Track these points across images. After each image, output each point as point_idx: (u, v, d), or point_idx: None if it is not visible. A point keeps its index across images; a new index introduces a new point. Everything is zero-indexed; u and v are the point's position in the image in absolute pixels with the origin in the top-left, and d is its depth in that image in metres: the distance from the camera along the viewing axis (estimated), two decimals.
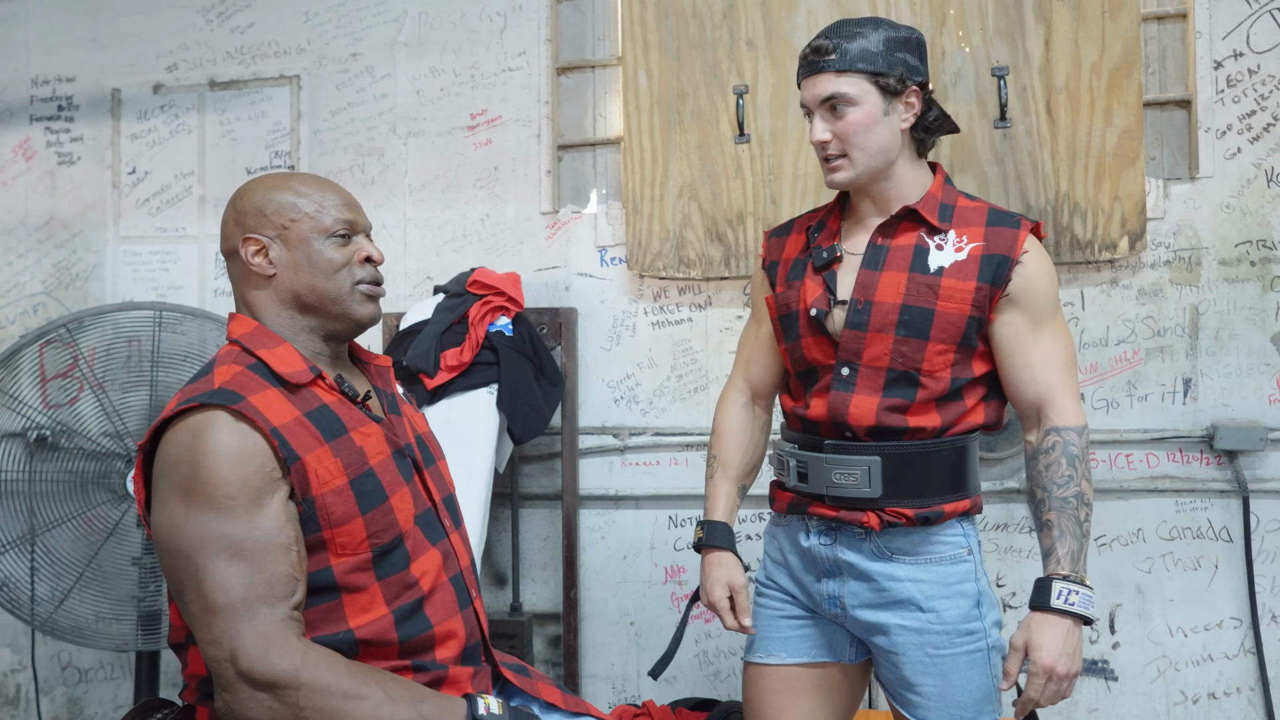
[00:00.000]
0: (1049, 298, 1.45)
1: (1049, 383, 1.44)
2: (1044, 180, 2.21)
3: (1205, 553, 2.19)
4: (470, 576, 1.32)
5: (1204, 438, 2.18)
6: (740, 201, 2.35)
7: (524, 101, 2.53)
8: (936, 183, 1.51)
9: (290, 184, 1.28)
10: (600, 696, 2.47)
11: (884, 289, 1.45)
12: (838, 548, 1.50)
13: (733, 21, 2.35)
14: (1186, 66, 2.21)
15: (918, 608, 1.45)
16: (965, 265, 1.43)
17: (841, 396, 1.47)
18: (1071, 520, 1.38)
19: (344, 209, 1.29)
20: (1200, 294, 2.20)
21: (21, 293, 2.84)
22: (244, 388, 1.16)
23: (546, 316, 2.42)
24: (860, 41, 1.43)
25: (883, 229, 1.50)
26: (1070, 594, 1.35)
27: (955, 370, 1.45)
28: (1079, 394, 1.47)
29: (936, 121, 1.49)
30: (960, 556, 1.47)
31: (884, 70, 1.42)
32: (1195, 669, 2.19)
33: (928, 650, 1.45)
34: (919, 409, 1.45)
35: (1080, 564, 1.37)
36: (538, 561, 2.51)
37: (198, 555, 1.08)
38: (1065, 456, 1.40)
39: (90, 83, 2.81)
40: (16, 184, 2.85)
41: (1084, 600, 1.35)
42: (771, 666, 1.57)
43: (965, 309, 1.42)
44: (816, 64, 1.46)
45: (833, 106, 1.45)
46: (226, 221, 1.29)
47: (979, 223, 1.46)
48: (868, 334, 1.45)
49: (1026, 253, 1.43)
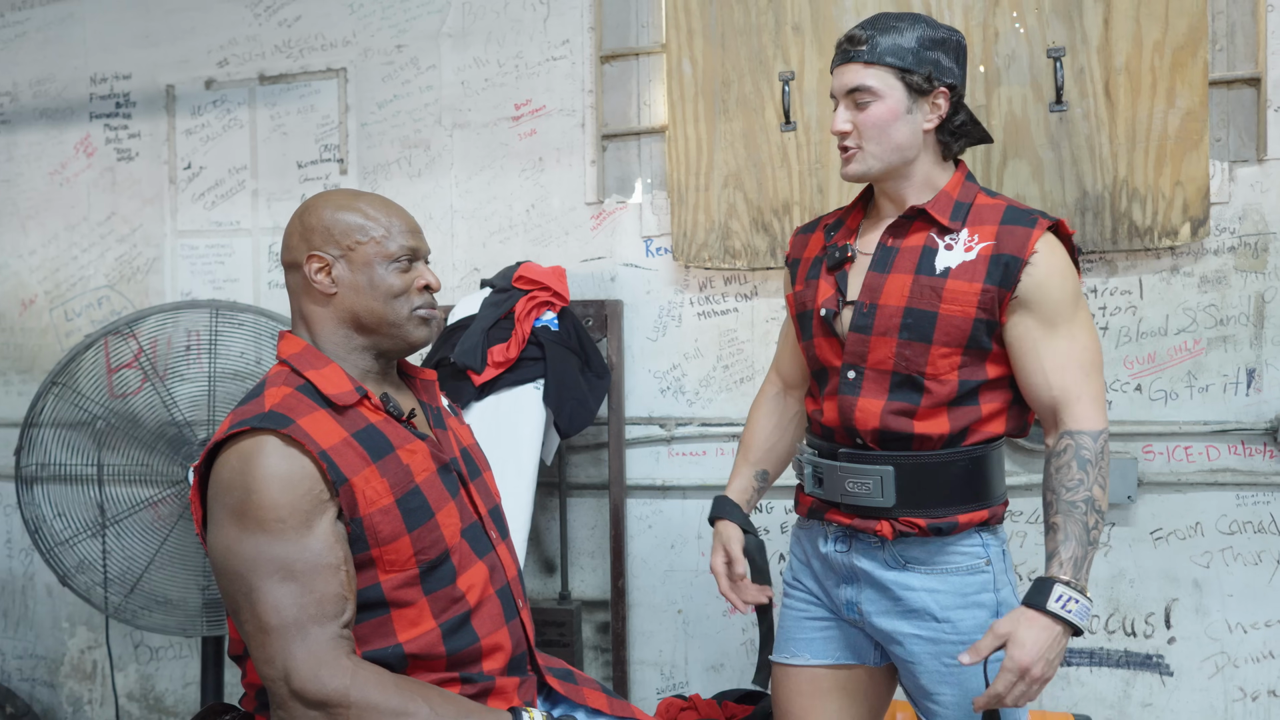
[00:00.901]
0: (1063, 298, 1.39)
1: (1064, 386, 1.39)
2: (1102, 165, 2.14)
3: (1267, 547, 2.14)
4: (517, 587, 1.35)
5: (1268, 430, 2.12)
6: (786, 191, 2.32)
7: (568, 91, 2.52)
8: (953, 181, 1.47)
9: (358, 204, 1.30)
10: (648, 683, 2.51)
11: (889, 291, 1.43)
12: (853, 555, 1.50)
13: (778, 6, 2.31)
14: (1257, 42, 2.12)
15: (933, 618, 1.44)
16: (974, 266, 1.40)
17: (848, 400, 1.46)
18: (1078, 525, 1.34)
19: (408, 235, 1.31)
20: (1267, 281, 2.12)
21: (86, 286, 2.94)
22: (293, 410, 1.19)
23: (593, 309, 2.42)
24: (893, 36, 1.41)
25: (893, 229, 1.47)
26: (1069, 601, 1.30)
27: (964, 373, 1.41)
28: (1099, 396, 1.41)
29: (963, 126, 1.45)
30: (978, 567, 1.45)
31: (912, 67, 1.40)
32: (1255, 666, 2.15)
33: (943, 660, 1.44)
34: (926, 413, 1.42)
35: (1083, 572, 1.33)
36: (586, 550, 2.55)
37: (251, 577, 1.12)
38: (1076, 460, 1.36)
39: (146, 79, 2.87)
40: (79, 180, 2.93)
41: (1081, 611, 1.30)
42: (798, 667, 1.59)
43: (970, 311, 1.39)
44: (848, 53, 1.44)
45: (857, 98, 1.43)
46: (291, 234, 1.31)
47: (993, 221, 1.42)
48: (872, 337, 1.44)
49: (1037, 253, 1.38)
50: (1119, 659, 2.22)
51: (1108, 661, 2.23)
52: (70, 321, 2.95)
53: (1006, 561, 1.50)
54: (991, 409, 1.45)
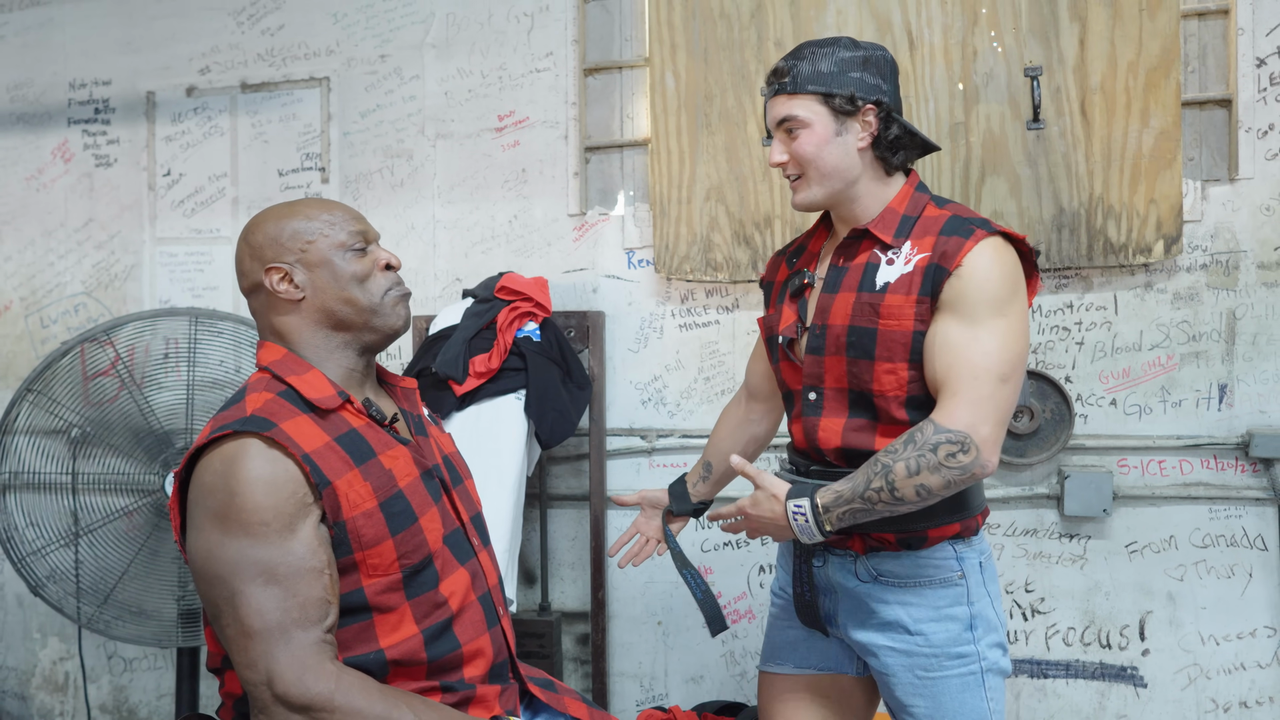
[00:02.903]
0: (981, 301, 1.35)
1: (946, 382, 1.34)
2: (1078, 183, 2.17)
3: (1239, 561, 2.17)
4: (498, 595, 1.35)
5: (1239, 445, 2.15)
6: (768, 204, 2.34)
7: (551, 103, 2.53)
8: (900, 195, 1.47)
9: (296, 210, 1.31)
10: (628, 695, 2.50)
11: (835, 311, 1.45)
12: (829, 569, 1.52)
13: (761, 22, 2.33)
14: (1228, 64, 2.16)
15: (905, 630, 1.45)
16: (910, 278, 1.39)
17: (811, 421, 1.49)
18: (863, 475, 1.35)
19: (352, 221, 1.32)
20: (1238, 298, 2.16)
21: (63, 293, 2.91)
22: (275, 415, 1.18)
23: (575, 320, 2.43)
24: (813, 63, 1.43)
25: (843, 249, 1.49)
26: (801, 517, 1.38)
27: (912, 388, 1.40)
28: (980, 402, 1.33)
29: (899, 140, 1.45)
30: (951, 580, 1.46)
31: (833, 90, 1.41)
32: (1227, 677, 2.18)
33: (916, 672, 1.45)
34: (885, 430, 1.43)
35: (836, 510, 1.36)
36: (566, 561, 2.54)
37: (233, 581, 1.11)
38: (906, 435, 1.35)
39: (126, 86, 2.85)
40: (56, 186, 2.91)
41: (802, 527, 1.39)
42: (781, 675, 1.61)
43: (908, 324, 1.38)
44: (774, 85, 1.47)
45: (788, 129, 1.45)
46: (242, 259, 1.31)
47: (934, 232, 1.41)
48: (825, 358, 1.46)
49: (963, 265, 1.36)
50: (1094, 671, 2.25)
51: (1083, 673, 2.25)
52: (46, 328, 2.91)
53: (986, 573, 1.49)
54: None
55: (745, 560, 2.44)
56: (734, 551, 2.45)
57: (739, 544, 2.44)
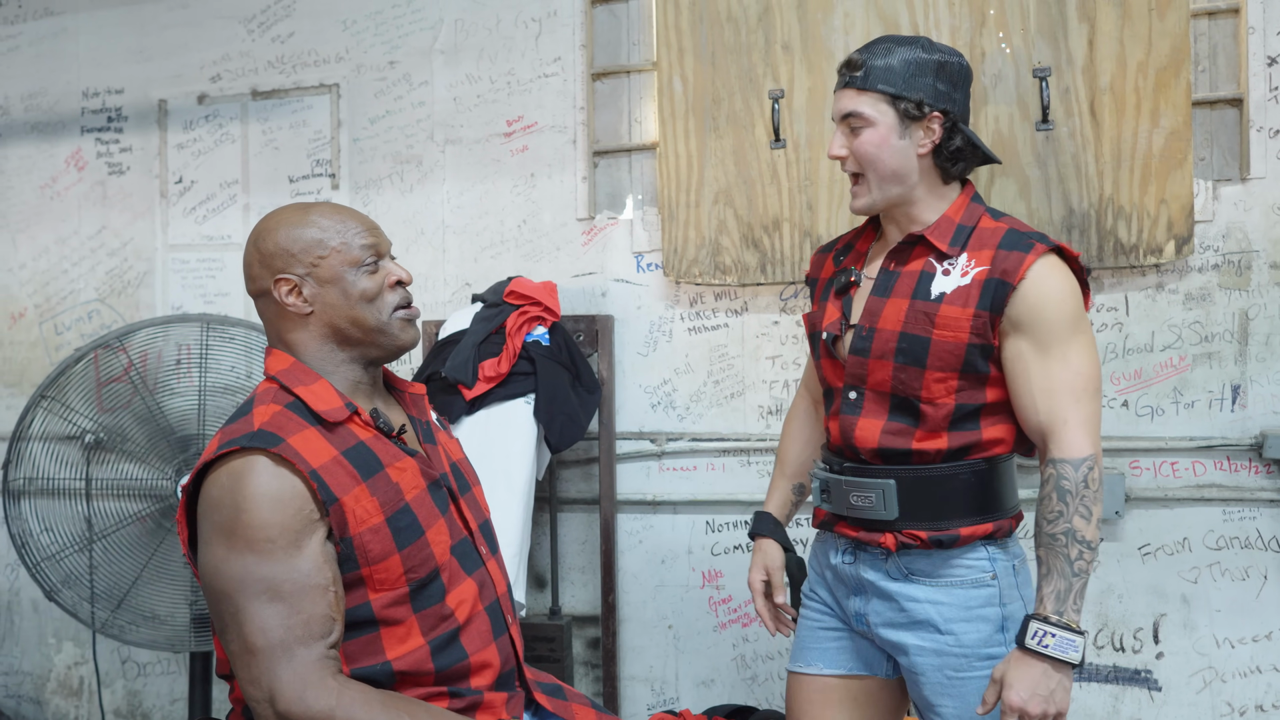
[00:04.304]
0: (1057, 320, 1.38)
1: (1050, 410, 1.38)
2: (1087, 183, 2.16)
3: (1254, 563, 2.15)
4: (506, 603, 1.35)
5: (1253, 446, 2.13)
6: (776, 207, 2.34)
7: (560, 108, 2.54)
8: (956, 205, 1.47)
9: (310, 218, 1.29)
10: (639, 699, 2.50)
11: (887, 316, 1.45)
12: (860, 566, 1.52)
13: (768, 25, 2.33)
14: (1238, 64, 2.15)
15: (936, 629, 1.45)
16: (967, 291, 1.40)
17: (849, 419, 1.49)
18: (1060, 559, 1.34)
19: (366, 235, 1.30)
20: (1250, 298, 2.14)
21: (76, 300, 2.93)
22: (282, 428, 1.19)
23: (584, 324, 2.43)
24: (887, 60, 1.41)
25: (895, 254, 1.49)
26: (1045, 635, 1.31)
27: (961, 397, 1.42)
28: (1089, 421, 1.38)
29: (959, 151, 1.45)
30: (983, 581, 1.45)
31: (903, 93, 1.40)
32: (1242, 680, 2.16)
33: (946, 672, 1.45)
34: (924, 435, 1.43)
35: (1068, 604, 1.32)
36: (576, 565, 2.54)
37: (238, 597, 1.12)
38: (1056, 491, 1.36)
39: (138, 94, 2.87)
40: (70, 194, 2.93)
41: (1061, 644, 1.30)
42: (810, 676, 1.60)
43: (963, 337, 1.39)
44: (844, 78, 1.46)
45: (851, 124, 1.44)
46: (251, 263, 1.30)
47: (992, 245, 1.42)
48: (870, 360, 1.46)
49: (1027, 279, 1.37)
50: (1107, 674, 2.23)
51: (1096, 677, 2.24)
52: (60, 335, 2.94)
53: (1019, 576, 1.49)
54: (993, 432, 1.45)
55: None
56: (744, 555, 2.44)
57: (749, 548, 2.44)
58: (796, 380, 2.39)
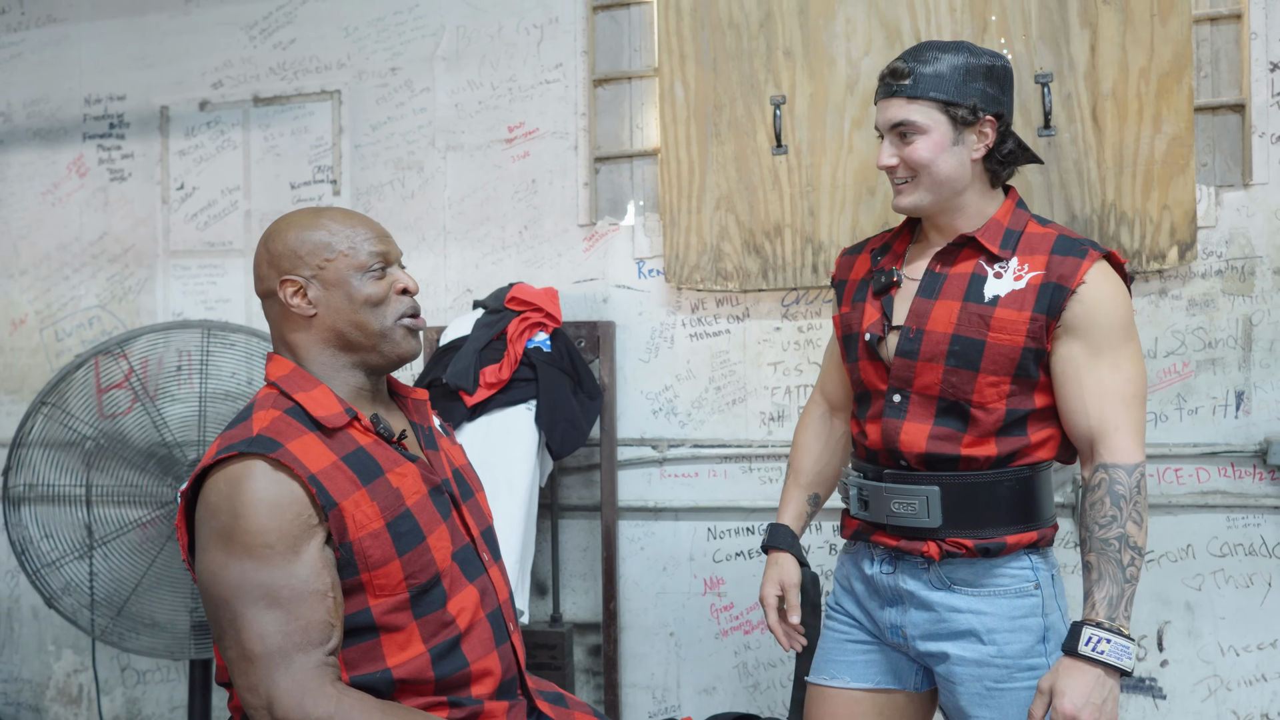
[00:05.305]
0: (1111, 327, 1.38)
1: (1102, 416, 1.37)
2: (1090, 189, 2.16)
3: (1258, 570, 2.14)
4: (508, 610, 1.34)
5: (1257, 452, 2.12)
6: (778, 213, 2.34)
7: (561, 114, 2.54)
8: (1004, 208, 1.47)
9: (321, 222, 1.29)
10: (640, 706, 2.49)
11: (936, 318, 1.43)
12: (899, 576, 1.49)
13: (770, 31, 2.33)
14: (1241, 69, 2.14)
15: (978, 640, 1.43)
16: (1023, 295, 1.39)
17: (893, 423, 1.46)
18: (1112, 564, 1.33)
19: (376, 241, 1.30)
20: (1254, 304, 2.14)
21: (77, 306, 2.93)
22: (282, 434, 1.18)
23: (585, 330, 2.43)
24: (935, 67, 1.39)
25: (941, 256, 1.47)
26: (1100, 642, 1.29)
27: (1012, 402, 1.40)
28: (1138, 428, 1.39)
29: (1011, 154, 1.44)
30: (1026, 590, 1.43)
31: (956, 100, 1.39)
32: (1248, 689, 2.14)
33: (986, 683, 1.43)
34: (972, 440, 1.42)
35: (1120, 610, 1.32)
36: (577, 572, 2.54)
37: (236, 603, 1.11)
38: (1110, 496, 1.35)
39: (140, 101, 2.87)
40: (71, 200, 2.93)
41: (1116, 650, 1.29)
42: (835, 689, 1.57)
43: (1019, 340, 1.38)
44: (890, 87, 1.43)
45: (902, 133, 1.42)
46: (260, 263, 1.30)
47: (1044, 250, 1.41)
48: (918, 363, 1.43)
49: (1084, 284, 1.37)
50: None
51: None
52: (61, 341, 2.94)
53: (1057, 586, 1.48)
54: (1040, 438, 1.44)
55: (758, 571, 2.43)
56: (746, 562, 2.43)
57: (751, 554, 2.43)
58: (798, 386, 2.38)
